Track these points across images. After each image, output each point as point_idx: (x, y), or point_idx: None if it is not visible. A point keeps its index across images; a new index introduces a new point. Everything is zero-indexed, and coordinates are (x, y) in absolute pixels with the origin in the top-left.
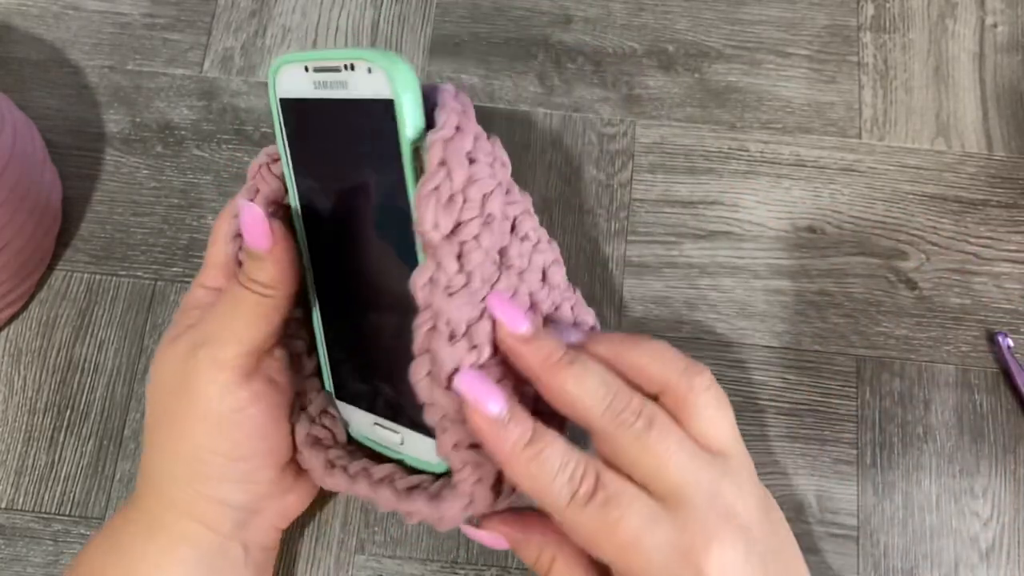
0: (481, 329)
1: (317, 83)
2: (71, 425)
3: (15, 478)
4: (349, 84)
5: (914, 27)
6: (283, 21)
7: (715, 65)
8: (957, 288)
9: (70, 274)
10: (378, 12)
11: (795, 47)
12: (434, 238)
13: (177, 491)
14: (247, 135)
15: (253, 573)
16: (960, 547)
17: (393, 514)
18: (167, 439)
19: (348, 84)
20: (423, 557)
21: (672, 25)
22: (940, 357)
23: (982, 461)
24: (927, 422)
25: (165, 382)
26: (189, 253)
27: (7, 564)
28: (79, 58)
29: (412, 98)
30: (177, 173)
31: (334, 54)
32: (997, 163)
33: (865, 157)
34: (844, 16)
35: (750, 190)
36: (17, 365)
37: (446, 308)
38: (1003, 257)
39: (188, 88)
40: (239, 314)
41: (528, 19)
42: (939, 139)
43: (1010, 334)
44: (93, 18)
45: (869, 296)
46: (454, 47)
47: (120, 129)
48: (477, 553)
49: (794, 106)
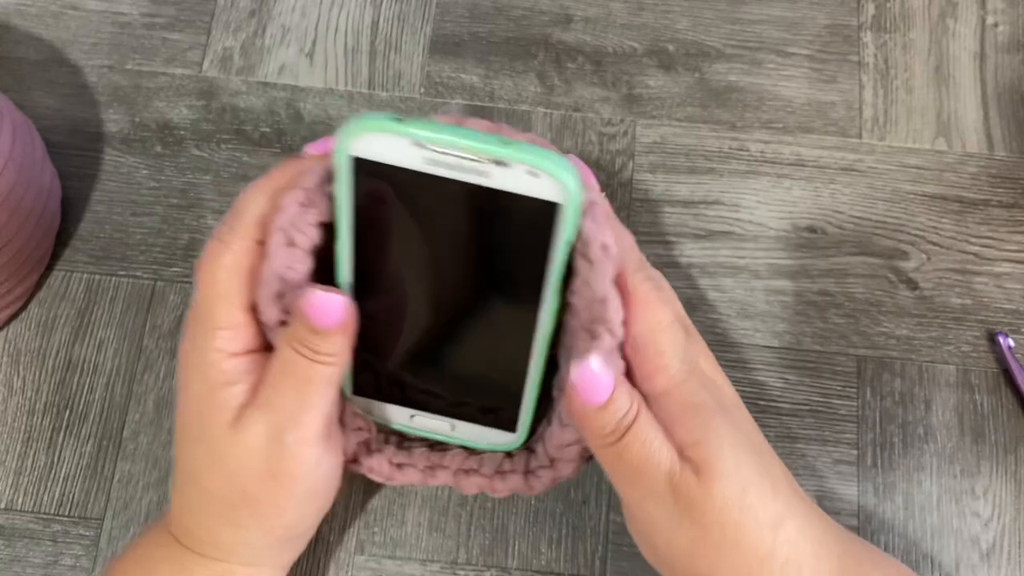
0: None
1: (433, 161)
2: (70, 425)
3: (14, 478)
4: (492, 175)
5: (915, 27)
6: (283, 21)
7: (715, 65)
8: (958, 288)
9: (69, 274)
10: (378, 12)
11: (796, 47)
12: (609, 343)
13: (250, 554)
14: (246, 135)
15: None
16: (961, 547)
17: (393, 514)
18: (251, 518)
19: (490, 175)
20: (423, 557)
21: (672, 25)
22: (941, 357)
23: (983, 461)
24: (928, 422)
25: (244, 466)
26: (188, 253)
27: (7, 564)
28: (78, 58)
29: (578, 206)
30: (176, 173)
31: (477, 143)
32: (998, 163)
33: (866, 157)
34: (845, 16)
35: (751, 190)
36: (16, 365)
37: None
38: (1004, 257)
39: (187, 88)
40: (314, 389)
41: (528, 19)
42: (940, 139)
43: (1011, 334)
44: (92, 18)
45: (870, 296)
46: (454, 47)
47: (119, 129)
48: (477, 553)
49: (795, 106)
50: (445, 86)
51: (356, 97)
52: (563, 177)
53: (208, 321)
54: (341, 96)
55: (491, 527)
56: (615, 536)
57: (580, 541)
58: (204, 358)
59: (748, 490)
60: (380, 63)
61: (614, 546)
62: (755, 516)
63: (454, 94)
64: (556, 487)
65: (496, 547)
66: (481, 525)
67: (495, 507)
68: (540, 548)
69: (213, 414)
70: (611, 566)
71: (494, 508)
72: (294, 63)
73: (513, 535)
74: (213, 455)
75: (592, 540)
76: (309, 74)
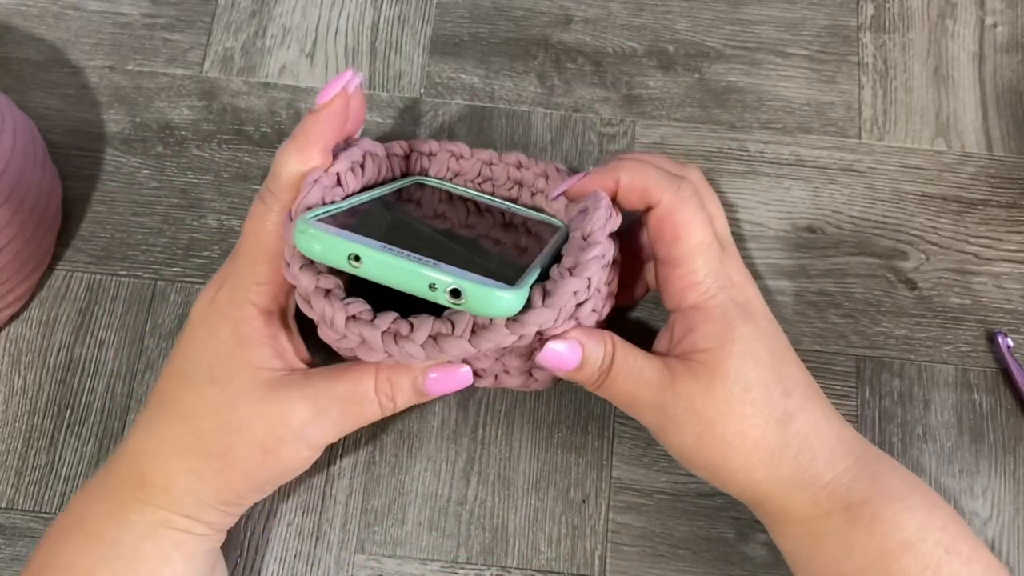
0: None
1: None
2: (71, 425)
3: (15, 478)
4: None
5: (914, 27)
6: (283, 21)
7: (715, 65)
8: (957, 288)
9: (70, 274)
10: (378, 12)
11: (795, 47)
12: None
13: (194, 505)
14: (247, 135)
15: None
16: None
17: (393, 513)
18: (218, 475)
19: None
20: (423, 557)
21: (672, 25)
22: (940, 357)
23: (982, 461)
24: (927, 422)
25: (247, 427)
26: (189, 253)
27: (7, 564)
28: (79, 58)
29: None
30: (177, 173)
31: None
32: (997, 163)
33: (865, 157)
34: (844, 16)
35: (750, 190)
36: (17, 365)
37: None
38: (1003, 257)
39: (188, 88)
40: (356, 424)
41: (528, 19)
42: (939, 139)
43: (1010, 334)
44: (93, 18)
45: (869, 296)
46: (454, 47)
47: (120, 129)
48: (477, 552)
49: (794, 106)
50: (445, 86)
51: None
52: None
53: (249, 276)
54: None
55: (491, 526)
56: (615, 536)
57: (580, 541)
58: (239, 310)
59: (753, 389)
60: (380, 63)
61: (614, 546)
62: (760, 411)
63: (454, 94)
64: (556, 487)
65: (496, 546)
66: (481, 524)
67: (495, 506)
68: (540, 548)
69: (242, 367)
70: (611, 566)
71: (494, 507)
72: (295, 63)
73: (513, 534)
74: (223, 402)
75: (592, 540)
76: (309, 74)
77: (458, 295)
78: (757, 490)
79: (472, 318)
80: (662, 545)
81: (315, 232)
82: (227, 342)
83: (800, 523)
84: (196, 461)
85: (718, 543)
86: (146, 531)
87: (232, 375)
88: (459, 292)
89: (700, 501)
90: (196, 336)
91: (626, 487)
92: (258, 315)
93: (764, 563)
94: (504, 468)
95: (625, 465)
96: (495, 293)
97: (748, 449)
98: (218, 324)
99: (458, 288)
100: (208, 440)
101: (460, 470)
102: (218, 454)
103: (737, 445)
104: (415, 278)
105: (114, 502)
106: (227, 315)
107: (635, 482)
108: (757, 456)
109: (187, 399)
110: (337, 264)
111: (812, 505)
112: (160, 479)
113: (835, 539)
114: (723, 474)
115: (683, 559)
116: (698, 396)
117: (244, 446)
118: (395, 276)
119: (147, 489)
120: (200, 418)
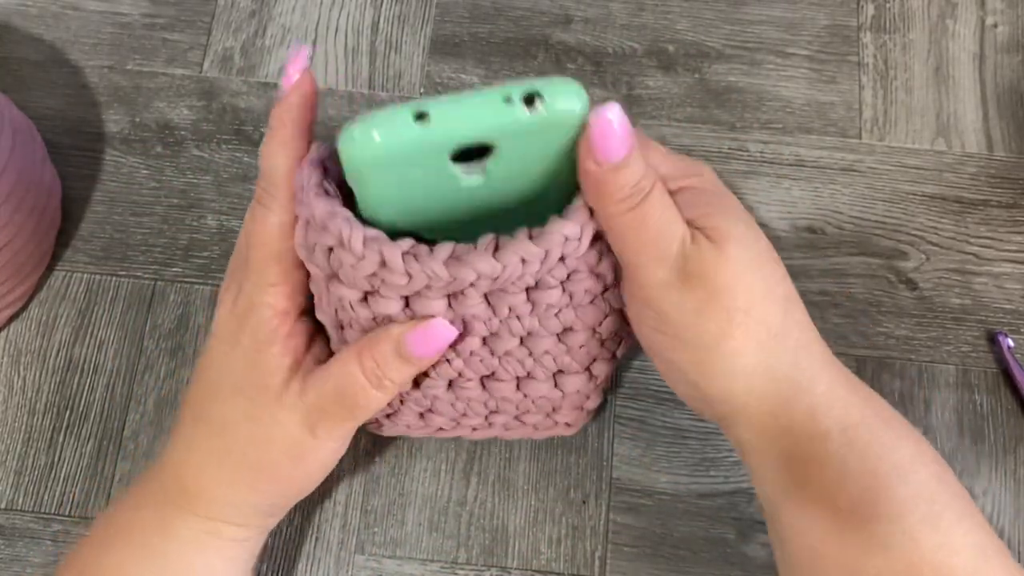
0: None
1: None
2: (71, 426)
3: (15, 478)
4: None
5: (914, 27)
6: (283, 21)
7: (715, 65)
8: (957, 288)
9: (70, 274)
10: (378, 12)
11: (795, 47)
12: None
13: (237, 513)
14: (247, 135)
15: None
16: None
17: (393, 514)
18: (265, 484)
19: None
20: (423, 557)
21: (672, 25)
22: (940, 357)
23: (982, 462)
24: (927, 422)
25: (279, 435)
26: (189, 253)
27: (6, 564)
28: (79, 58)
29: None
30: (177, 173)
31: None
32: (997, 163)
33: (865, 157)
34: (844, 16)
35: (750, 190)
36: (17, 365)
37: None
38: (1003, 257)
39: (188, 88)
40: (361, 413)
41: (528, 19)
42: (939, 139)
43: (1010, 334)
44: (93, 18)
45: (869, 296)
46: (454, 47)
47: (120, 129)
48: (477, 553)
49: (794, 106)
50: (445, 86)
51: (356, 97)
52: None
53: (262, 279)
54: (341, 96)
55: (491, 527)
56: (615, 536)
57: (580, 541)
58: (257, 314)
59: (761, 259)
60: (380, 63)
61: (614, 546)
62: (768, 286)
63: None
64: (556, 487)
65: (496, 547)
66: (481, 525)
67: (495, 507)
68: (540, 548)
69: (262, 375)
70: (611, 566)
71: (494, 508)
72: None
73: (513, 535)
74: (249, 415)
75: (592, 540)
76: None
77: (532, 101)
78: (750, 382)
79: (495, 237)
80: (662, 545)
81: (366, 122)
82: (248, 350)
83: (780, 439)
84: (236, 473)
85: (718, 543)
86: (191, 539)
87: (254, 385)
88: (533, 96)
89: (700, 501)
90: (220, 346)
91: (626, 487)
92: (275, 316)
93: (764, 563)
94: (504, 468)
95: (625, 465)
96: (572, 83)
97: (751, 327)
98: (239, 331)
99: (533, 90)
100: (242, 452)
101: (460, 471)
102: (253, 466)
103: (741, 320)
104: (488, 101)
105: (159, 512)
106: (246, 322)
107: (635, 482)
108: (757, 336)
109: (218, 411)
110: (400, 141)
111: (809, 418)
112: (203, 491)
113: (831, 469)
114: (715, 358)
115: (683, 559)
116: (710, 258)
117: (274, 457)
118: (467, 110)
119: (191, 500)
120: (232, 430)
